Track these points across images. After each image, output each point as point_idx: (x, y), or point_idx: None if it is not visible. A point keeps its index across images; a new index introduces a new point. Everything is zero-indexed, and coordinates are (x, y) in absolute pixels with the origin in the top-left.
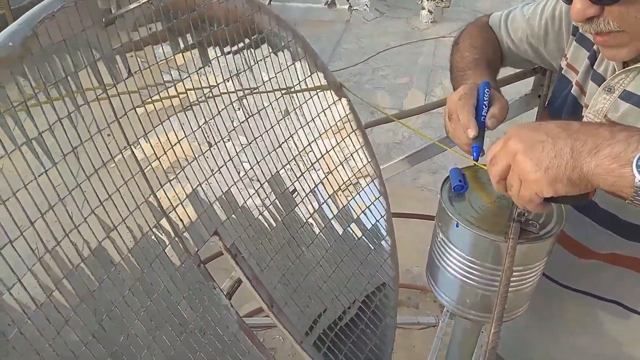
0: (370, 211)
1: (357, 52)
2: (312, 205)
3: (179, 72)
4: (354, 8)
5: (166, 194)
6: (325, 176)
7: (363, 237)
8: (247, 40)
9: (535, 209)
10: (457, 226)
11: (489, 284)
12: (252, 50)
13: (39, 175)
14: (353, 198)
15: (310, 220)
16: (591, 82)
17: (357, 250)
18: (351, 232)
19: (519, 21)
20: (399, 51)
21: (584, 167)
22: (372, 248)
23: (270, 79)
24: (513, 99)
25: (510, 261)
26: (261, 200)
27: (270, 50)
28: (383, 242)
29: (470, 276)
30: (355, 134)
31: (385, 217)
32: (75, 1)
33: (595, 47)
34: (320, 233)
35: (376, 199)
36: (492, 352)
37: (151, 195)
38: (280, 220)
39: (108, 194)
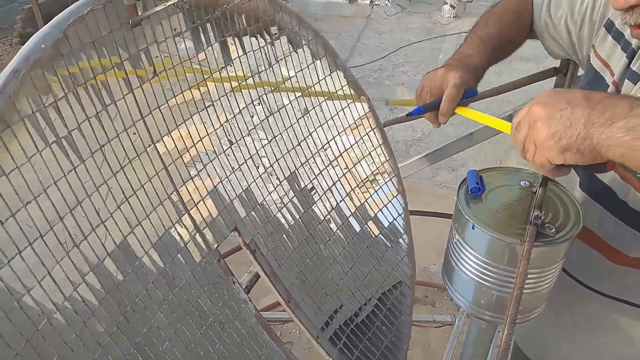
0: (388, 209)
1: (378, 47)
2: (329, 202)
3: (202, 71)
4: (375, 3)
5: (188, 191)
6: (344, 174)
7: (380, 235)
8: (268, 39)
9: (548, 174)
10: (473, 228)
11: (504, 286)
12: (274, 48)
13: (68, 173)
14: (371, 196)
15: (328, 218)
16: (627, 81)
17: (374, 248)
18: (368, 229)
19: (562, 1)
20: (420, 47)
21: (594, 138)
22: (389, 246)
23: (290, 78)
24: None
25: (525, 264)
26: (280, 197)
27: (291, 49)
28: (400, 240)
29: (485, 277)
30: (374, 132)
31: (402, 216)
32: (104, 3)
33: (634, 44)
34: (338, 230)
35: (394, 197)
36: (504, 354)
37: (174, 192)
38: (298, 217)
39: (133, 190)
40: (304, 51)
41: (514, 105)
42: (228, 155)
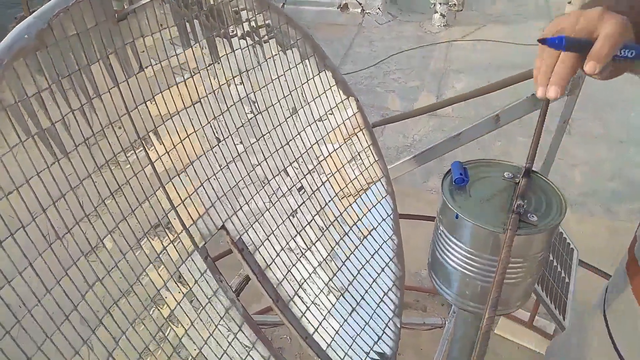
0: (377, 210)
1: (369, 55)
2: (318, 202)
3: (189, 68)
4: (367, 12)
5: (175, 188)
6: (332, 174)
7: (369, 235)
8: (256, 38)
9: None
10: (456, 217)
11: (489, 276)
12: (262, 48)
13: (51, 165)
14: (360, 196)
15: (317, 218)
16: None
17: (363, 249)
18: (357, 230)
19: None
20: (411, 54)
21: None
22: (378, 247)
23: (279, 77)
24: (518, 99)
25: (507, 251)
26: (268, 197)
27: (279, 49)
28: (389, 242)
29: (470, 268)
30: (363, 132)
31: (392, 217)
32: None
33: None
34: (327, 230)
35: (383, 197)
36: (485, 337)
37: (160, 189)
38: (287, 217)
39: (118, 184)
40: (292, 51)
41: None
42: (216, 153)
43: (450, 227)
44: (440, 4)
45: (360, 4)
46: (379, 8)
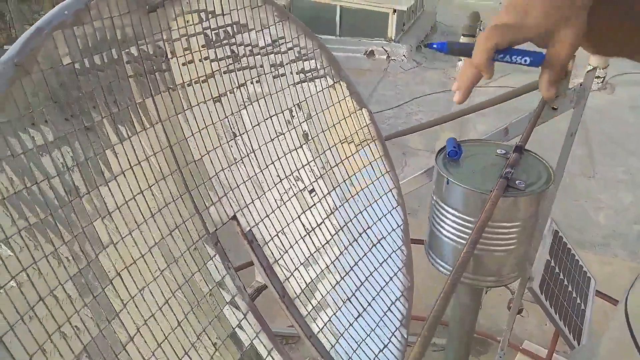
0: (387, 220)
1: (393, 97)
2: (329, 206)
3: (211, 66)
4: (392, 58)
5: (190, 173)
6: (344, 181)
7: (379, 244)
8: (275, 46)
9: None
10: (447, 183)
11: (481, 243)
12: (280, 55)
13: (78, 129)
14: (370, 205)
15: (327, 221)
16: None
17: (372, 256)
18: (366, 237)
19: None
20: (435, 98)
21: None
22: (387, 256)
23: (295, 84)
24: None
25: (490, 209)
26: (280, 195)
27: (297, 57)
28: (398, 252)
29: (462, 235)
30: (375, 144)
31: (402, 227)
32: None
33: None
34: (336, 235)
35: (394, 208)
36: (449, 289)
37: (177, 171)
38: (297, 215)
39: (138, 160)
40: (309, 63)
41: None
42: (231, 146)
43: (443, 195)
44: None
45: (386, 51)
46: (404, 55)
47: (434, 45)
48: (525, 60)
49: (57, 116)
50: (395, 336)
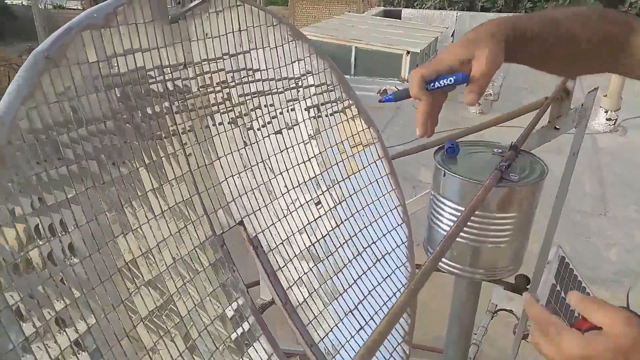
0: (392, 236)
1: (404, 133)
2: (334, 219)
3: (227, 77)
4: None
5: (201, 176)
6: (350, 196)
7: (383, 259)
8: (288, 63)
9: None
10: (444, 175)
11: (478, 234)
12: (292, 72)
13: (107, 122)
14: (375, 221)
15: (332, 234)
16: None
17: (375, 271)
18: (370, 252)
19: None
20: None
21: None
22: (391, 271)
23: (305, 99)
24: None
25: (482, 196)
26: (287, 205)
27: (307, 71)
28: (402, 269)
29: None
30: (382, 161)
31: (406, 244)
32: None
33: None
34: (340, 247)
35: (398, 225)
36: (425, 271)
37: (188, 173)
38: (302, 226)
39: (153, 160)
40: (319, 77)
41: None
42: (242, 154)
43: (440, 189)
44: None
45: (399, 90)
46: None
47: (385, 100)
48: (451, 81)
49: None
50: (397, 351)
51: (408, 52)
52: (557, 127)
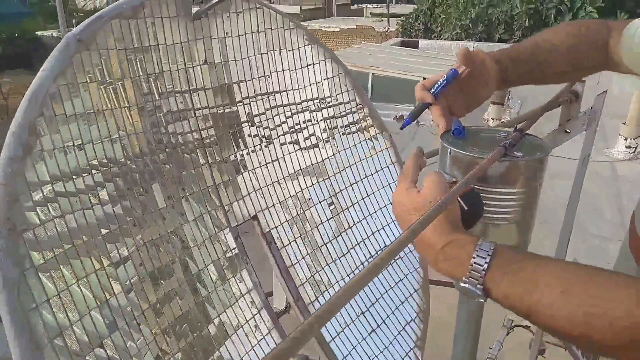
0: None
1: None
2: (347, 221)
3: (245, 76)
4: (421, 123)
5: (219, 172)
6: (362, 199)
7: (395, 262)
8: (303, 66)
9: None
10: (450, 153)
11: (485, 210)
12: (308, 75)
13: (126, 109)
14: (388, 225)
15: (344, 235)
16: None
17: (387, 275)
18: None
19: None
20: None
21: None
22: (403, 276)
23: (319, 100)
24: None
25: (485, 165)
26: (300, 204)
27: (323, 78)
28: (414, 273)
29: None
30: (395, 166)
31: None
32: None
33: None
34: (353, 249)
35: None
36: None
37: (206, 164)
38: (315, 225)
39: (182, 155)
40: (334, 82)
41: None
42: (258, 152)
43: (446, 167)
44: (492, 119)
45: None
46: (432, 120)
47: (404, 125)
48: (444, 81)
49: None
50: (409, 356)
51: (424, 79)
52: (567, 130)
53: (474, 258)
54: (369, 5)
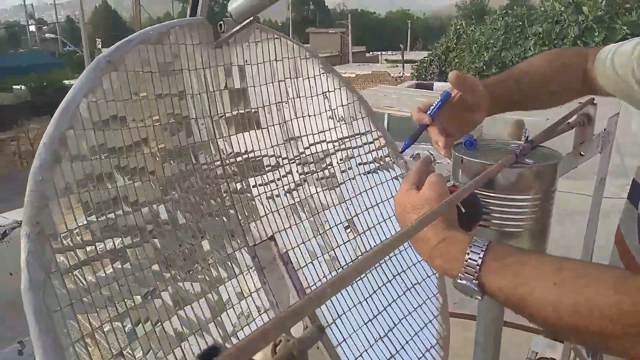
0: (422, 266)
1: None
2: (363, 245)
3: (262, 102)
4: (438, 161)
5: (237, 190)
6: (379, 223)
7: (413, 288)
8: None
9: None
10: (462, 162)
11: (499, 218)
12: (323, 102)
13: (151, 117)
14: (405, 249)
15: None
16: None
17: (406, 300)
18: (400, 280)
19: (624, 54)
20: None
21: None
22: (422, 301)
23: (333, 128)
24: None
25: (495, 170)
26: (317, 226)
27: (338, 104)
28: (433, 299)
29: None
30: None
31: (437, 275)
32: (198, 22)
33: None
34: (370, 273)
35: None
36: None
37: (225, 181)
38: (332, 249)
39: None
40: (349, 109)
41: None
42: (275, 173)
43: (458, 176)
44: None
45: (432, 154)
46: (449, 159)
47: (404, 148)
48: (439, 102)
49: None
50: (430, 353)
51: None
52: (582, 153)
53: (469, 254)
54: (384, 52)
